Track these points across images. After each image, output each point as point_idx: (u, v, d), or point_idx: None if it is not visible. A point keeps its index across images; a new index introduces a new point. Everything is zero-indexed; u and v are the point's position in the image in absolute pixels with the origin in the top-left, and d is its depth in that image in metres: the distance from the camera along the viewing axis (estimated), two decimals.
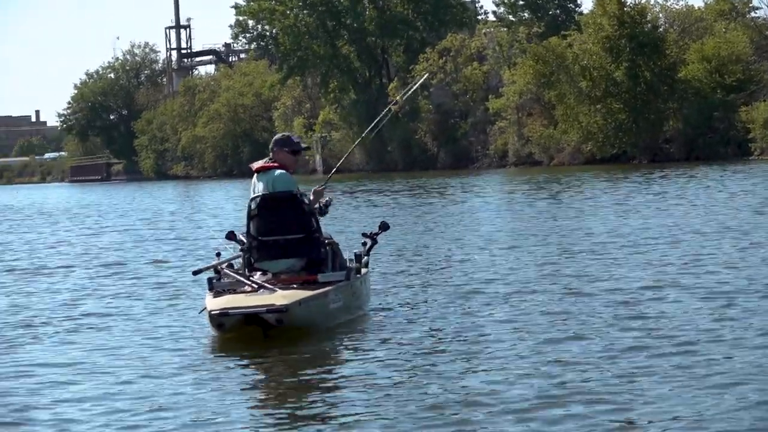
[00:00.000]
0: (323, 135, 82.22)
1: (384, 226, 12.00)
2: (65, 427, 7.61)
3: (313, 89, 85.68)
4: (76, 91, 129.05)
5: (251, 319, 9.93)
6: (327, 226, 11.85)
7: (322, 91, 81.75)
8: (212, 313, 10.01)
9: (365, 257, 11.77)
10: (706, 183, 33.30)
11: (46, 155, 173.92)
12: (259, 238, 10.86)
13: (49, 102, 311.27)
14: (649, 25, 59.61)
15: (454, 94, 72.56)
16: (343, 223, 24.76)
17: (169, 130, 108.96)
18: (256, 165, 11.21)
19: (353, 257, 11.39)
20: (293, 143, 11.26)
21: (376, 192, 41.18)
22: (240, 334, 10.13)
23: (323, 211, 11.20)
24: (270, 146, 11.26)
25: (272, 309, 9.86)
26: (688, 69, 57.58)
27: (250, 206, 10.94)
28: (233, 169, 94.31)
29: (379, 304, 12.11)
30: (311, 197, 11.13)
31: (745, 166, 44.25)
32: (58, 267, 18.64)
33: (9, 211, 45.94)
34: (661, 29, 61.28)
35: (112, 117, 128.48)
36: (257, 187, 11.03)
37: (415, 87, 15.04)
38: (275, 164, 11.07)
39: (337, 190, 42.50)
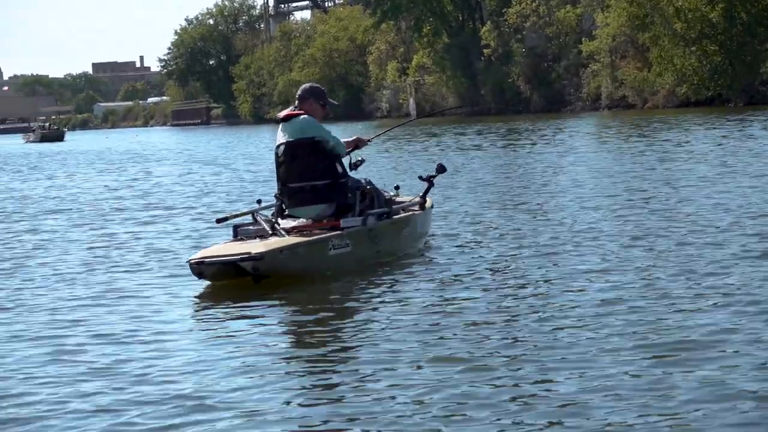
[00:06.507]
0: (417, 79, 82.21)
1: (440, 169, 11.72)
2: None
3: (407, 33, 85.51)
4: (176, 37, 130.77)
5: (240, 268, 9.77)
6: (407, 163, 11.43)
7: (416, 35, 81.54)
8: (191, 262, 10.02)
9: (421, 199, 11.72)
10: None
11: (149, 100, 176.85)
12: (288, 185, 10.81)
13: (154, 48, 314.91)
14: None
15: (547, 37, 71.84)
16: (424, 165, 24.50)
17: (266, 75, 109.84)
18: (282, 113, 11.12)
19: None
20: (325, 96, 11.19)
21: (464, 134, 41.02)
22: (236, 282, 9.92)
23: (352, 166, 11.29)
24: (298, 94, 11.13)
25: (246, 257, 9.72)
26: None
27: (276, 154, 10.88)
28: (329, 113, 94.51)
29: (429, 247, 11.74)
30: (348, 141, 11.40)
31: None
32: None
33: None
34: None
35: (211, 62, 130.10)
36: (281, 136, 10.92)
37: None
38: (301, 112, 10.94)
39: (426, 133, 42.44)
